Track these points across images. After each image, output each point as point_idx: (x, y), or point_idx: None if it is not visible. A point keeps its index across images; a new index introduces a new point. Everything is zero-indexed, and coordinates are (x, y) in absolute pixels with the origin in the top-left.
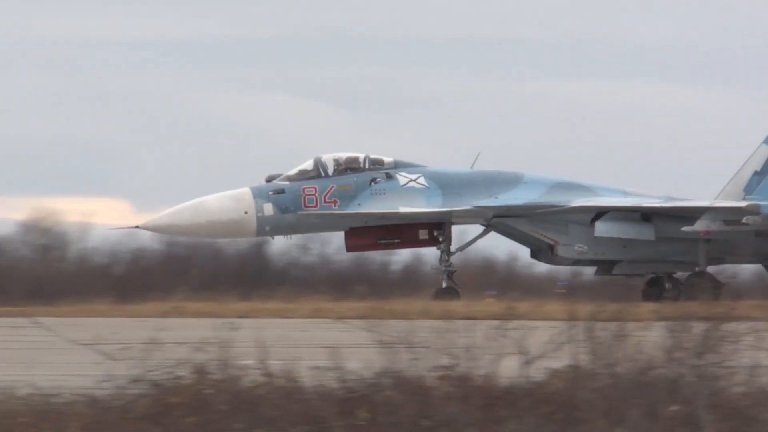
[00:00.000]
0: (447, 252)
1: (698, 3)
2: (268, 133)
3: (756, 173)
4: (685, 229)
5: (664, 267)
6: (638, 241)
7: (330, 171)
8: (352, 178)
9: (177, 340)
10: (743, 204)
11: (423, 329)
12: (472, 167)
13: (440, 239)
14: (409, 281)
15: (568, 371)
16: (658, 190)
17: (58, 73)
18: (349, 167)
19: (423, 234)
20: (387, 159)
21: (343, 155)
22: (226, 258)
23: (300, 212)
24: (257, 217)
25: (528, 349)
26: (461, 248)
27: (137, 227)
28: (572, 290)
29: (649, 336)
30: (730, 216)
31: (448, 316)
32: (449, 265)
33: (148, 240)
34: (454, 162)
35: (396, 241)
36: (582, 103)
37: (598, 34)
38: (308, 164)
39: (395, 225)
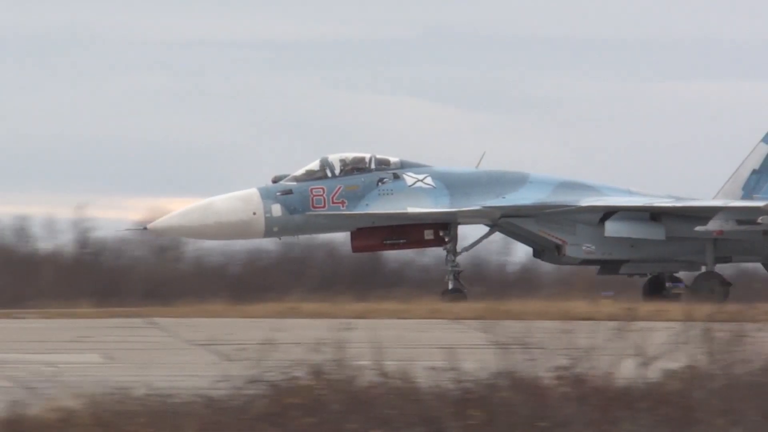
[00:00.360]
0: (453, 252)
1: None
2: (387, 135)
3: (755, 172)
4: (698, 228)
5: (671, 267)
6: (646, 241)
7: (337, 171)
8: (359, 179)
9: (293, 340)
10: (761, 203)
11: (539, 330)
12: (477, 167)
13: (446, 239)
14: (526, 281)
15: (685, 372)
16: (663, 189)
17: (170, 73)
18: (355, 167)
19: (429, 234)
20: (393, 159)
21: (350, 155)
22: (341, 258)
23: (308, 213)
24: (265, 217)
25: (645, 349)
26: (467, 248)
27: (145, 228)
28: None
29: (766, 337)
30: (744, 216)
31: (565, 317)
32: (455, 266)
33: (265, 241)
34: (581, 163)
35: (402, 241)
36: (696, 104)
37: (718, 34)
38: (315, 164)
39: (401, 225)
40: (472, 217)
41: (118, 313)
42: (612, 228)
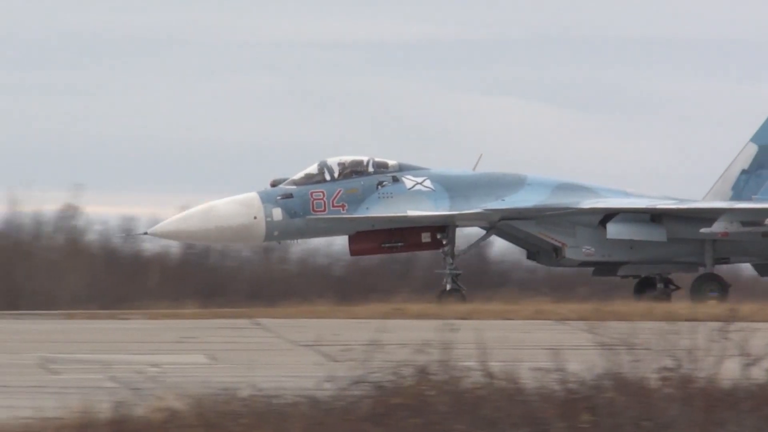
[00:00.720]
0: (451, 255)
1: None
2: (491, 136)
3: (744, 171)
4: (703, 230)
5: (669, 268)
6: (645, 243)
7: (335, 175)
8: (359, 182)
9: (398, 341)
10: (767, 205)
11: (645, 331)
12: (474, 169)
13: (444, 242)
14: (631, 283)
15: None
16: (658, 191)
17: (275, 74)
18: (354, 170)
19: (426, 237)
20: (391, 162)
21: (348, 158)
22: None
23: (309, 217)
24: (266, 222)
25: (750, 350)
26: (465, 251)
27: (146, 233)
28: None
29: None
30: (751, 217)
31: (670, 318)
32: (454, 268)
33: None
34: (684, 164)
35: (399, 244)
36: None
37: None
38: (313, 168)
39: (398, 228)
40: (473, 219)
41: (223, 313)
42: (614, 230)
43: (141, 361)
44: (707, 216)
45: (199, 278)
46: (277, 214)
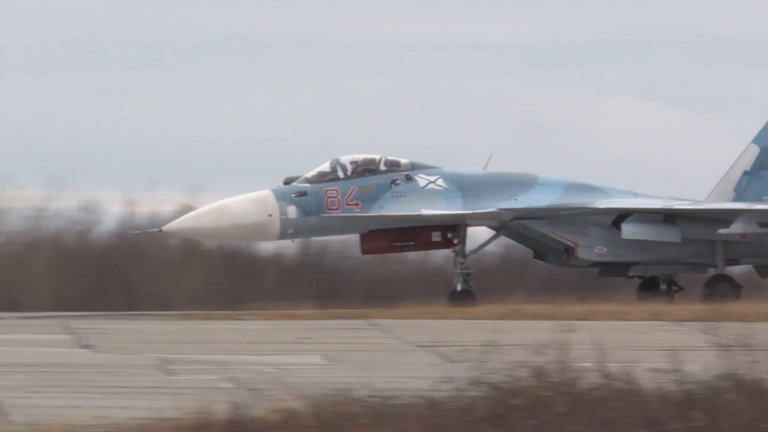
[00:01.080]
0: (462, 254)
1: None
2: (612, 136)
3: (746, 173)
4: (721, 231)
5: (679, 269)
6: (657, 243)
7: (348, 173)
8: (372, 180)
9: (515, 342)
10: None
11: (762, 332)
12: (484, 168)
13: (455, 241)
14: (753, 283)
15: None
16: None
17: (396, 75)
18: (366, 169)
19: (436, 236)
20: (403, 160)
21: (360, 156)
22: None
23: (323, 215)
24: (281, 219)
25: None
26: (475, 251)
27: (160, 231)
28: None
29: None
30: (766, 218)
31: None
32: (464, 268)
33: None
34: None
35: (410, 243)
36: None
37: None
38: (325, 166)
39: (409, 227)
40: (486, 219)
41: (340, 314)
42: (629, 230)
43: (258, 361)
44: (722, 217)
45: (316, 279)
46: (292, 211)
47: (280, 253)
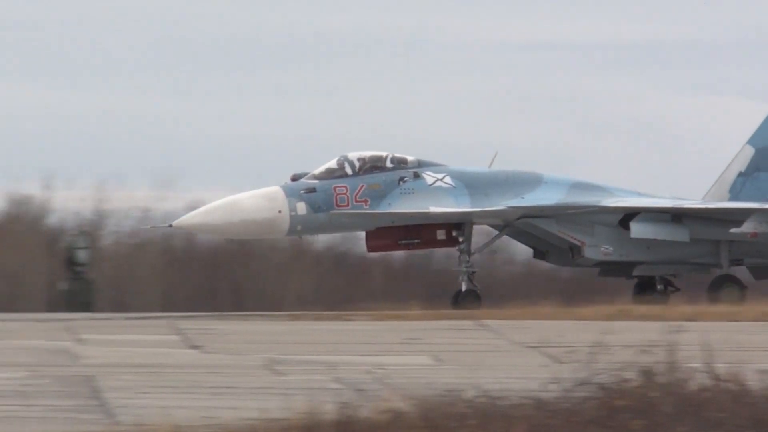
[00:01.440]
0: (467, 253)
1: None
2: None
3: (740, 174)
4: (733, 230)
5: (683, 269)
6: (663, 243)
7: (356, 169)
8: (380, 177)
9: (623, 343)
10: None
11: None
12: (490, 166)
13: (460, 240)
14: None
15: None
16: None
17: (505, 76)
18: (374, 166)
19: (441, 234)
20: (410, 158)
21: (368, 153)
22: None
23: (332, 212)
24: (290, 216)
25: None
26: (480, 249)
27: (170, 226)
28: None
29: None
30: None
31: None
32: (470, 266)
33: None
34: None
35: (416, 241)
36: None
37: None
38: (333, 163)
39: (414, 225)
40: (494, 217)
41: (447, 315)
42: (637, 229)
43: (366, 362)
44: (731, 217)
45: (424, 280)
46: (301, 208)
47: (387, 254)
